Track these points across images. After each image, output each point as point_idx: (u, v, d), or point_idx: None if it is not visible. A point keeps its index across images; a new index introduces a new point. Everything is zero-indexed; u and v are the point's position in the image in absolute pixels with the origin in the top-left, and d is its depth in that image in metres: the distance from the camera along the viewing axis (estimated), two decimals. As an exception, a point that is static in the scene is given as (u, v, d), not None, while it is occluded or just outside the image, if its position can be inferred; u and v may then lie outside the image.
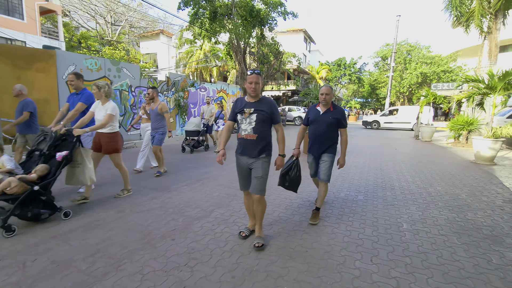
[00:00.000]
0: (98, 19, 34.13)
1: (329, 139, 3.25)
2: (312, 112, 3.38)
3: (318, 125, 3.26)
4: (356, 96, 47.37)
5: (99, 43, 32.93)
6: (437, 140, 12.79)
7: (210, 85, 12.73)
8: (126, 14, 36.32)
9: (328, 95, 3.20)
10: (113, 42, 33.73)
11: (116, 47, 28.67)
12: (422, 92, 13.44)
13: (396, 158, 7.90)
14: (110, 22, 35.25)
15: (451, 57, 24.16)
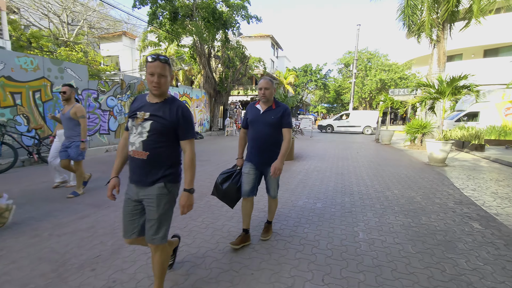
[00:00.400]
0: (52, 18, 31.55)
1: (273, 144, 2.64)
2: (251, 112, 2.73)
3: (258, 127, 2.64)
4: (322, 101, 48.95)
5: (53, 44, 30.38)
6: (396, 143, 13.38)
7: (171, 88, 12.10)
8: (85, 14, 34.08)
9: (267, 89, 2.56)
10: (69, 43, 31.34)
11: (73, 48, 26.61)
12: (381, 98, 14.05)
13: (358, 161, 7.98)
14: (66, 21, 32.80)
15: (406, 65, 25.91)
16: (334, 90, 37.14)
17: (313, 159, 8.15)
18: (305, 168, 6.85)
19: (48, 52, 28.87)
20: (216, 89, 15.67)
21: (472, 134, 9.89)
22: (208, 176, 5.72)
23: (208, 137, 14.39)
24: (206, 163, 7.15)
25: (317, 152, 9.70)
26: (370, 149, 11.08)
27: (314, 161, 7.82)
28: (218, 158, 7.95)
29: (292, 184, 5.26)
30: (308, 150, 10.28)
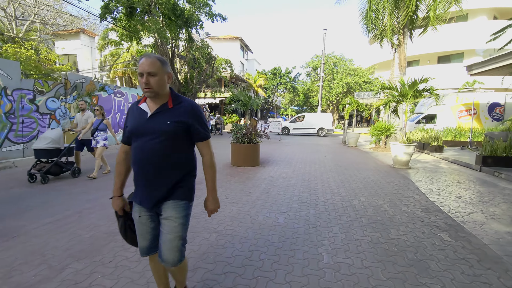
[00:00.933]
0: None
1: (170, 167, 1.59)
2: (133, 116, 1.62)
3: (144, 141, 1.54)
4: (292, 104, 49.61)
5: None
6: (361, 145, 13.57)
7: (128, 89, 11.09)
8: (36, 8, 31.02)
9: (153, 75, 1.47)
10: (17, 39, 28.22)
11: (21, 45, 23.92)
12: (347, 100, 14.24)
13: (325, 166, 7.75)
14: (13, 15, 29.56)
15: (370, 70, 26.97)
16: (303, 93, 37.71)
17: (279, 164, 7.77)
18: (271, 174, 6.42)
19: None
20: (180, 90, 14.82)
21: (431, 136, 10.21)
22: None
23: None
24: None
25: (285, 156, 9.37)
26: (337, 152, 11.02)
27: (281, 167, 7.44)
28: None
29: (254, 194, 4.77)
30: (275, 154, 9.92)
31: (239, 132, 7.44)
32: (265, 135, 7.65)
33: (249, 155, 7.32)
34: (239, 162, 7.35)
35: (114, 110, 10.26)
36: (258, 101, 7.70)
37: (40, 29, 33.49)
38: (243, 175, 6.26)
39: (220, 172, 6.51)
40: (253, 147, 7.36)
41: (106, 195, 4.57)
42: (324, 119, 19.84)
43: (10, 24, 29.28)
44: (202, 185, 4.97)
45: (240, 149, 7.31)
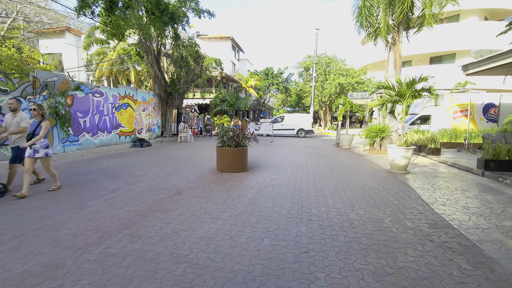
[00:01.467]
0: (-28, 7, 26.87)
1: None
2: None
3: None
4: (285, 105, 49.22)
5: (-27, 37, 25.81)
6: (355, 147, 13.12)
7: (109, 89, 10.35)
8: (18, 5, 29.74)
9: None
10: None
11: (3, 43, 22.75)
12: (340, 101, 13.80)
13: (318, 171, 7.21)
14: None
15: (362, 70, 26.72)
16: (296, 93, 37.31)
17: (269, 170, 7.20)
18: (259, 182, 5.83)
19: None
20: (167, 90, 14.12)
21: (428, 138, 9.81)
22: (130, 201, 4.39)
23: (158, 145, 12.79)
24: (139, 180, 5.77)
25: (275, 160, 8.80)
26: (330, 155, 10.52)
27: (270, 172, 6.86)
28: (157, 172, 6.59)
29: (239, 207, 4.18)
30: (265, 158, 9.35)
31: (225, 135, 6.85)
32: (254, 138, 7.07)
33: (236, 160, 6.73)
34: (225, 168, 6.75)
35: (92, 111, 9.52)
36: (246, 101, 7.11)
37: (24, 27, 32.18)
38: (228, 183, 5.67)
39: (203, 180, 5.90)
40: (241, 152, 6.77)
41: (65, 211, 3.91)
42: (303, 120, 19.90)
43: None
44: (182, 195, 4.31)
45: (226, 154, 6.70)
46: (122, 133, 11.13)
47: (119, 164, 7.66)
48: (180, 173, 6.59)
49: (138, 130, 12.24)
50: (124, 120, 11.22)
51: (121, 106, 10.99)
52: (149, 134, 13.29)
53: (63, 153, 8.29)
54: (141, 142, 11.66)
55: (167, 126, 15.04)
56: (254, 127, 15.68)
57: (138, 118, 12.17)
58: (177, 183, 5.57)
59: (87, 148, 9.31)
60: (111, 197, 4.59)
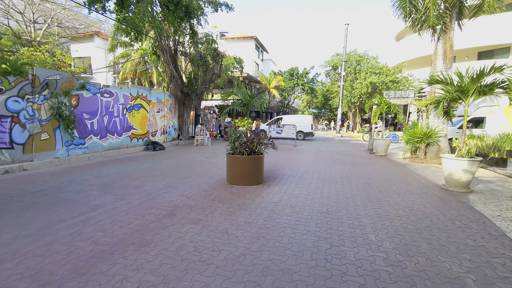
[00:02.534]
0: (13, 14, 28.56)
1: None
2: None
3: None
4: (310, 106, 47.35)
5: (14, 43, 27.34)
6: (392, 154, 11.41)
7: (119, 89, 9.72)
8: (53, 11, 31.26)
9: None
10: (34, 42, 28.38)
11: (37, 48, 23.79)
12: (375, 101, 12.14)
13: (350, 185, 5.83)
14: (32, 19, 29.88)
15: (398, 68, 24.38)
16: (322, 94, 35.48)
17: (289, 182, 5.96)
18: (274, 200, 4.63)
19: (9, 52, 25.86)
20: (183, 91, 13.38)
21: (489, 145, 7.96)
22: (105, 226, 3.40)
23: (172, 148, 12.04)
24: (131, 193, 4.83)
25: (297, 169, 7.53)
26: (364, 163, 9.00)
27: (291, 186, 5.62)
28: (156, 183, 5.64)
29: (243, 242, 3.03)
30: (286, 166, 8.10)
31: (237, 140, 5.73)
32: (272, 145, 5.88)
33: (249, 171, 5.58)
34: (236, 179, 5.63)
35: (100, 112, 8.91)
36: (262, 100, 5.95)
37: (59, 33, 33.77)
38: (235, 201, 4.53)
39: (207, 195, 4.82)
40: (255, 161, 5.61)
41: (17, 239, 3.01)
42: (302, 122, 18.68)
43: (28, 27, 29.52)
44: (174, 219, 3.25)
45: (238, 163, 5.58)
46: (134, 136, 10.48)
47: (121, 171, 6.84)
48: (183, 184, 5.58)
49: (152, 133, 11.56)
50: (137, 122, 10.57)
51: (133, 107, 10.34)
52: (164, 137, 12.60)
53: (67, 157, 7.69)
54: (154, 145, 10.96)
55: (184, 129, 14.32)
56: (276, 130, 14.47)
57: (152, 119, 11.49)
58: (174, 199, 4.55)
59: (95, 151, 8.69)
60: (86, 219, 3.65)
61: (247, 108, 5.90)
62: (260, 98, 5.97)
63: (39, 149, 6.96)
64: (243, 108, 5.87)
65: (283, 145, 14.23)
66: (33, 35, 28.94)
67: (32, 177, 5.94)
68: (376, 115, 10.89)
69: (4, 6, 26.32)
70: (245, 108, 5.85)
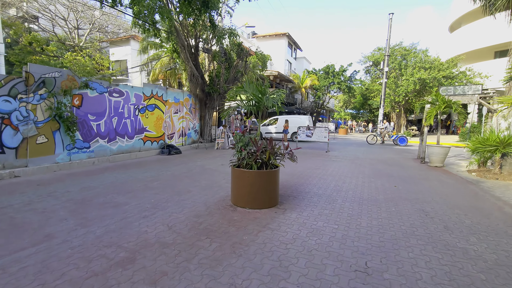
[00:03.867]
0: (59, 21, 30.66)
1: None
2: None
3: None
4: (347, 107, 44.25)
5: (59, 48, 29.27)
6: (450, 165, 9.16)
7: (130, 88, 8.98)
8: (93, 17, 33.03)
9: None
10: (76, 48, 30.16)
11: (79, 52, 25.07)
12: (428, 99, 9.95)
13: (400, 214, 4.16)
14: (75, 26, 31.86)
15: (453, 62, 21.04)
16: (361, 94, 32.58)
17: (313, 204, 4.47)
18: (287, 237, 3.22)
19: (54, 57, 27.58)
20: (205, 90, 12.44)
21: None
22: (21, 279, 2.31)
23: (190, 152, 11.12)
24: (103, 216, 3.77)
25: (327, 184, 5.96)
26: (414, 177, 7.07)
27: (314, 212, 4.14)
28: (144, 199, 4.55)
29: None
30: (313, 177, 6.57)
31: (244, 149, 4.41)
32: (290, 155, 4.45)
33: (259, 190, 4.22)
34: (241, 200, 4.31)
35: (109, 113, 8.22)
36: (276, 98, 4.49)
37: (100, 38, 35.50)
38: (231, 237, 3.21)
39: (197, 223, 3.58)
40: (267, 176, 4.24)
41: None
42: (298, 122, 17.33)
43: (71, 33, 31.33)
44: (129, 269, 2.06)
45: (244, 179, 4.24)
46: (147, 139, 9.71)
47: (117, 180, 5.93)
48: (175, 204, 4.41)
49: (169, 135, 10.75)
50: (150, 124, 9.79)
51: (147, 107, 9.57)
52: (182, 140, 11.75)
53: (68, 162, 7.04)
54: (169, 149, 10.11)
55: (205, 131, 13.40)
56: (306, 133, 12.85)
57: (168, 121, 10.68)
58: (150, 230, 3.37)
59: (102, 156, 8.01)
60: (11, 262, 2.60)
61: (259, 108, 4.54)
62: (274, 94, 4.55)
63: (35, 154, 6.35)
64: (253, 108, 4.53)
65: (313, 150, 12.58)
66: (76, 41, 30.67)
67: (15, 186, 5.24)
68: (430, 116, 8.75)
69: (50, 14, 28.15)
70: (255, 107, 4.50)
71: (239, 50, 12.87)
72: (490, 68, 20.65)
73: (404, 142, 15.93)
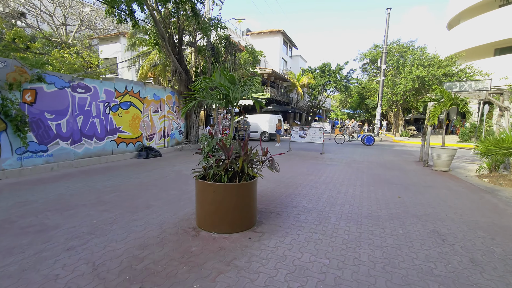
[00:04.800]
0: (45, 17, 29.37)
1: None
2: None
3: None
4: (344, 106, 43.44)
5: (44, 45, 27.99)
6: (457, 168, 8.29)
7: (99, 83, 7.96)
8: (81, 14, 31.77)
9: None
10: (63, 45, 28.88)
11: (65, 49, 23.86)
12: (431, 95, 9.06)
13: (409, 239, 3.24)
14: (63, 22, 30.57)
15: (453, 59, 20.26)
16: (357, 93, 31.79)
17: (299, 225, 3.53)
18: (256, 283, 2.26)
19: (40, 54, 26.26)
20: (187, 87, 11.45)
21: None
22: None
23: (172, 154, 10.13)
24: (8, 250, 2.78)
25: (319, 195, 5.02)
26: (419, 185, 6.17)
27: (300, 236, 3.21)
28: (85, 220, 3.58)
29: None
30: (303, 186, 5.62)
31: (212, 155, 3.46)
32: (270, 164, 3.49)
33: (230, 208, 3.27)
34: (207, 222, 3.35)
35: (72, 111, 7.20)
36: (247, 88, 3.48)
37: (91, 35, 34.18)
38: (178, 285, 2.24)
39: (138, 261, 2.62)
40: (239, 191, 3.29)
41: None
42: (268, 121, 17.01)
43: (58, 29, 29.95)
44: None
45: (210, 194, 3.28)
46: (122, 140, 8.71)
47: (67, 191, 4.95)
48: (122, 226, 3.44)
49: (148, 136, 9.74)
50: (125, 124, 8.79)
51: (120, 105, 8.56)
52: (164, 141, 10.75)
53: (19, 168, 6.01)
54: (147, 151, 9.11)
55: (192, 131, 12.40)
56: (299, 133, 11.92)
57: (147, 120, 9.68)
58: (62, 276, 2.40)
59: (64, 160, 7.00)
60: None
61: (232, 102, 3.57)
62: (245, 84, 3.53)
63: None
64: (221, 102, 3.57)
65: (307, 152, 11.66)
66: (63, 37, 29.32)
67: None
68: (435, 115, 7.85)
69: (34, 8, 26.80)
70: (225, 102, 3.55)
71: (227, 44, 11.90)
72: (490, 65, 19.91)
73: (371, 142, 15.69)
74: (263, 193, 5.05)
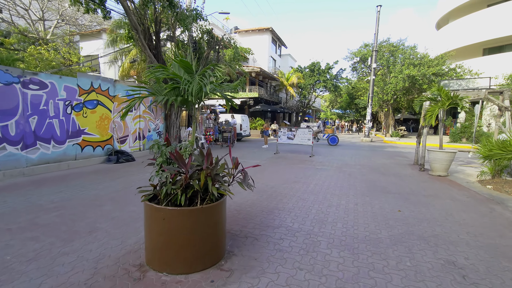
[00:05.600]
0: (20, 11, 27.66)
1: None
2: None
3: None
4: (333, 106, 43.13)
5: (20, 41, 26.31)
6: (455, 172, 7.72)
7: (58, 78, 6.96)
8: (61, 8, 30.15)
9: None
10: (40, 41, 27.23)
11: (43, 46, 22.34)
12: (427, 94, 8.48)
13: (421, 276, 2.49)
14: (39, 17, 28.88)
15: (442, 58, 20.00)
16: (347, 93, 31.41)
17: (280, 257, 2.74)
18: None
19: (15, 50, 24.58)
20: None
21: None
22: None
23: (146, 158, 9.17)
24: None
25: (306, 208, 4.26)
26: (419, 194, 5.50)
27: (280, 276, 2.42)
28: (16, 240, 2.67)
29: None
30: (289, 197, 4.85)
31: (165, 168, 2.63)
32: (242, 179, 2.69)
33: (187, 240, 2.44)
34: (157, 258, 2.53)
35: (23, 110, 6.20)
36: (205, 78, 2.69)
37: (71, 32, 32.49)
38: None
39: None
40: (201, 217, 2.47)
41: None
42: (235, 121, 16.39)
43: (34, 24, 28.21)
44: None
45: (160, 222, 2.45)
46: (87, 143, 7.73)
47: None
48: (41, 266, 2.57)
49: (119, 139, 8.78)
50: (91, 125, 7.81)
51: (84, 104, 7.58)
52: (140, 143, 9.79)
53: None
54: (118, 155, 8.16)
55: (171, 132, 11.46)
56: (287, 134, 11.17)
57: (118, 121, 8.70)
58: None
59: (12, 168, 5.99)
60: None
61: (192, 99, 2.74)
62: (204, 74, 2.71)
63: None
64: (175, 98, 2.75)
65: (295, 154, 10.93)
66: (41, 33, 27.60)
67: None
68: (432, 115, 7.24)
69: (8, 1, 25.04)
70: (178, 98, 2.72)
71: (209, 39, 11.03)
72: (479, 65, 19.78)
73: (335, 142, 15.57)
74: (241, 208, 4.25)
